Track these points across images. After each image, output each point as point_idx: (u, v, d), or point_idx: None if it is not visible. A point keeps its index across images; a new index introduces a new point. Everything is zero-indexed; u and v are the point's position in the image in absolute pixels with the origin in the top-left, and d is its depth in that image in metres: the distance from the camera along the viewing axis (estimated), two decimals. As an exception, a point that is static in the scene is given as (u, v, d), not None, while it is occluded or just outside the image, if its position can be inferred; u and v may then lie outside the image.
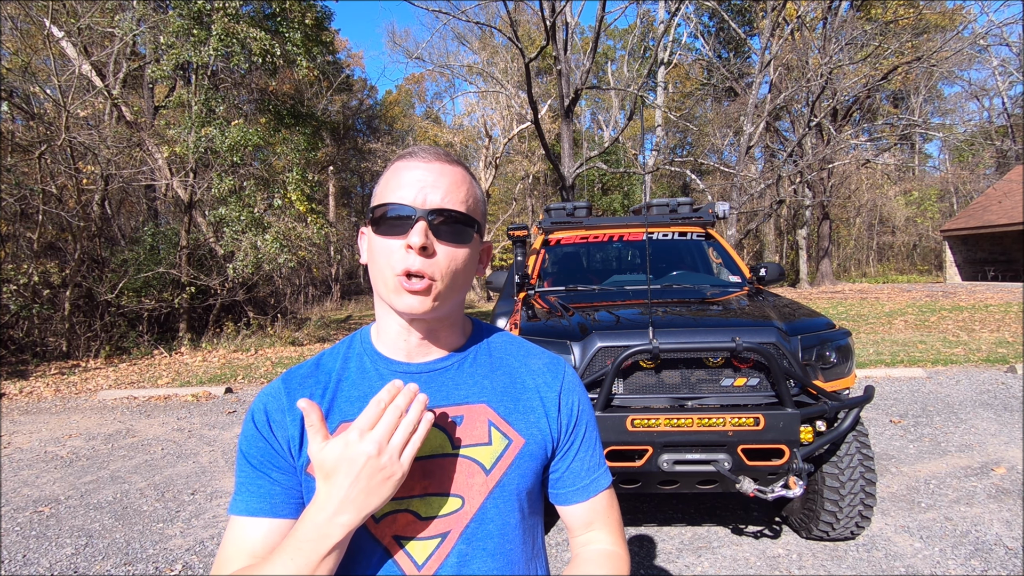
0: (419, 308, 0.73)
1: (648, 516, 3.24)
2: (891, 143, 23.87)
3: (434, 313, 0.75)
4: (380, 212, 0.74)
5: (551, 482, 0.84)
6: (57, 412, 6.35)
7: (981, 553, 2.71)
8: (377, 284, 0.76)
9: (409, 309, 0.73)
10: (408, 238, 0.71)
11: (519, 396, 0.81)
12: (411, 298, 0.72)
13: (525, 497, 0.79)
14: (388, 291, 0.74)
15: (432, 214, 0.73)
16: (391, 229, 0.73)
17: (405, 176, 0.75)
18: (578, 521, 0.84)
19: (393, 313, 0.78)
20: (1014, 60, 26.38)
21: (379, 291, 0.76)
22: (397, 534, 0.74)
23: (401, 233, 0.72)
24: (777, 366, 2.34)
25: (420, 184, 0.74)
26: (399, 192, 0.74)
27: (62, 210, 9.78)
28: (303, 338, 11.81)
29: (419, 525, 0.74)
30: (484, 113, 26.22)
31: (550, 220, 4.42)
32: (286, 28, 12.04)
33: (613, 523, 0.85)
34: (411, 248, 0.71)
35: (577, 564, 0.81)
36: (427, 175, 0.74)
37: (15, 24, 10.72)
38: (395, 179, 0.75)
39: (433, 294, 0.73)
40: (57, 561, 2.96)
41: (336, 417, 0.77)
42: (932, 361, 7.11)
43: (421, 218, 0.72)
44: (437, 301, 0.74)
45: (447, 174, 0.75)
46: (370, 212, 0.76)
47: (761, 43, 17.78)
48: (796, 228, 24.68)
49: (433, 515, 0.74)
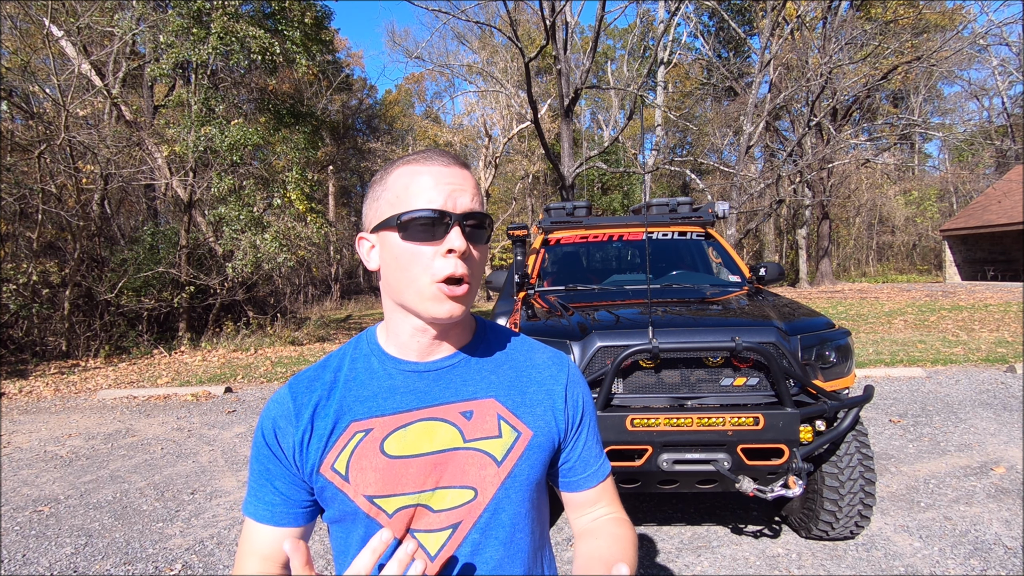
0: (457, 313, 0.74)
1: (648, 516, 3.24)
2: (891, 143, 23.88)
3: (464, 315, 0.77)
4: (409, 218, 0.72)
5: (562, 472, 0.87)
6: (57, 411, 6.35)
7: (980, 552, 2.71)
8: (405, 292, 0.74)
9: (449, 315, 0.73)
10: (447, 243, 0.71)
11: (526, 390, 0.83)
12: (452, 305, 0.73)
13: (534, 488, 0.81)
14: (423, 299, 0.73)
15: (465, 217, 0.73)
16: (422, 235, 0.72)
17: (426, 180, 0.74)
18: (586, 503, 0.88)
19: (408, 316, 0.78)
20: (1014, 60, 26.38)
21: (407, 299, 0.75)
22: (411, 527, 0.76)
23: (432, 239, 0.72)
24: (777, 366, 2.34)
25: (449, 188, 0.73)
26: (424, 196, 0.73)
27: (62, 209, 9.77)
28: (303, 338, 11.81)
29: (432, 517, 0.76)
30: (484, 112, 26.23)
31: (550, 220, 4.41)
32: (285, 27, 12.05)
33: (616, 498, 0.91)
34: (451, 253, 0.71)
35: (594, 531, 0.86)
36: (452, 178, 0.74)
37: (14, 23, 10.71)
38: (415, 183, 0.74)
39: (468, 296, 0.75)
40: (57, 560, 2.96)
41: (346, 418, 0.78)
42: (932, 361, 7.11)
43: (458, 222, 0.72)
44: (469, 302, 0.75)
45: (467, 178, 0.76)
46: (395, 219, 0.73)
47: (761, 43, 17.78)
48: (796, 228, 24.67)
49: (446, 507, 0.76)
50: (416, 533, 0.75)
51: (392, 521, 0.74)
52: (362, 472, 0.75)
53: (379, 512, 0.75)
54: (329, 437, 0.77)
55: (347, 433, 0.77)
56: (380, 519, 0.74)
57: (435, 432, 0.77)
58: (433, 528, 0.75)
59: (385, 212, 0.75)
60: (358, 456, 0.76)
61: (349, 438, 0.77)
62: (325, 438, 0.77)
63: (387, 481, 0.75)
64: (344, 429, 0.77)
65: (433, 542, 0.75)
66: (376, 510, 0.75)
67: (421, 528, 0.75)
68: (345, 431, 0.77)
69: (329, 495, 0.77)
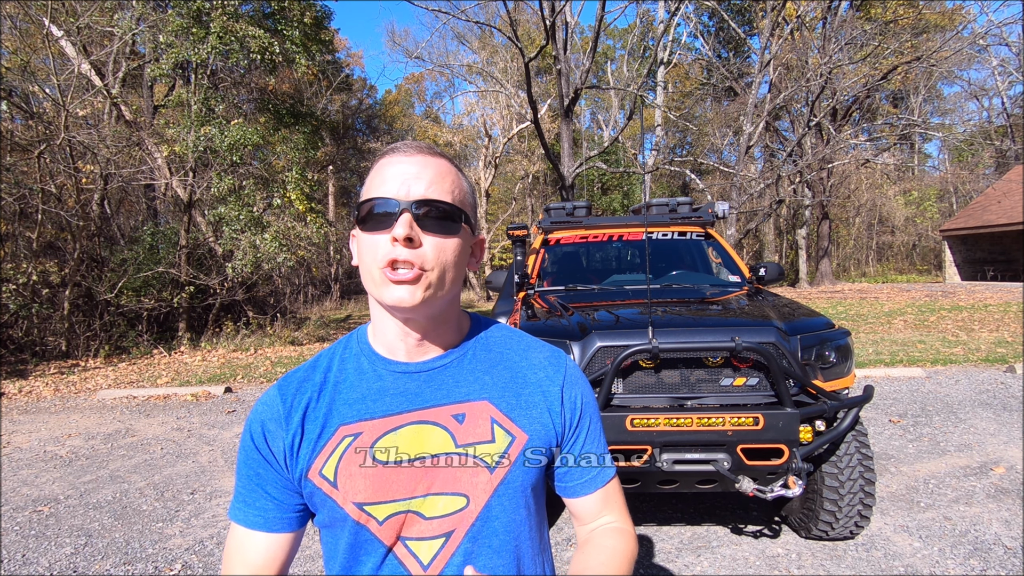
0: (409, 299, 0.70)
1: (647, 516, 3.24)
2: (891, 143, 23.88)
3: (426, 307, 0.72)
4: (366, 208, 0.73)
5: (558, 476, 0.83)
6: (56, 411, 6.35)
7: (980, 553, 2.71)
8: (366, 281, 0.74)
9: (398, 301, 0.70)
10: (393, 230, 0.70)
11: (521, 391, 0.80)
12: (399, 289, 0.70)
13: (531, 493, 0.78)
14: (376, 286, 0.72)
15: (417, 205, 0.71)
16: (377, 224, 0.72)
17: (388, 171, 0.74)
18: (588, 511, 0.84)
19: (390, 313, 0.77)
20: (1014, 60, 26.39)
21: (368, 289, 0.74)
22: (402, 535, 0.73)
23: (387, 227, 0.71)
24: (776, 366, 2.34)
25: (403, 177, 0.73)
26: (383, 187, 0.73)
27: (61, 209, 9.77)
28: (302, 338, 11.81)
29: (424, 525, 0.73)
30: (484, 113, 26.23)
31: (550, 220, 4.41)
32: (285, 26, 12.04)
33: (621, 506, 0.85)
34: (396, 240, 0.70)
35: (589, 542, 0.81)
36: (410, 167, 0.73)
37: (14, 23, 10.70)
38: (379, 175, 0.74)
39: (423, 283, 0.71)
40: (56, 560, 2.96)
41: (335, 421, 0.76)
42: (931, 361, 7.12)
43: (405, 210, 0.70)
44: (428, 291, 0.71)
45: (430, 166, 0.74)
46: (355, 210, 0.75)
47: (761, 43, 17.78)
48: (796, 228, 24.67)
49: (437, 515, 0.73)
50: (408, 541, 0.73)
51: (382, 528, 0.72)
52: (351, 478, 0.73)
53: (369, 519, 0.73)
54: (317, 441, 0.75)
55: (335, 437, 0.75)
56: (370, 526, 0.72)
57: (426, 436, 0.75)
58: (425, 536, 0.73)
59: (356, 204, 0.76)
60: (347, 461, 0.74)
61: (337, 443, 0.74)
62: (314, 442, 0.75)
63: (377, 487, 0.73)
64: (332, 433, 0.75)
65: (426, 550, 0.73)
66: (366, 517, 0.73)
67: (413, 536, 0.73)
68: (334, 435, 0.75)
69: (318, 501, 0.75)
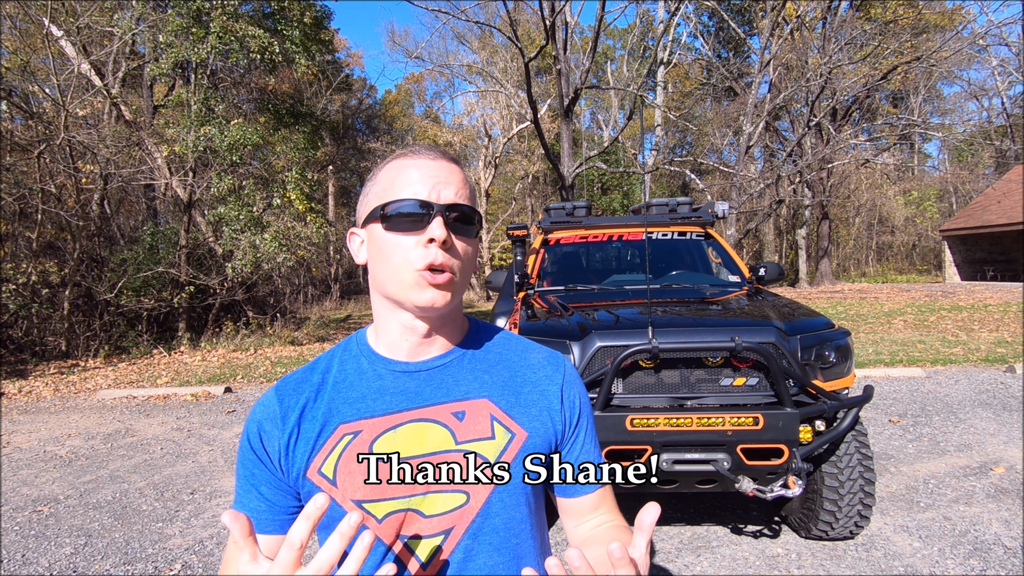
0: (440, 302, 0.73)
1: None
2: (890, 143, 23.88)
3: (449, 307, 0.75)
4: (392, 208, 0.73)
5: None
6: (56, 411, 6.35)
7: (980, 552, 2.71)
8: (388, 283, 0.75)
9: (431, 303, 0.73)
10: (428, 232, 0.72)
11: (520, 390, 0.81)
12: (434, 292, 0.72)
13: (531, 490, 0.79)
14: (405, 288, 0.73)
15: (448, 209, 0.73)
16: (404, 225, 0.73)
17: (412, 173, 0.75)
18: (585, 508, 0.85)
19: (396, 312, 0.77)
20: (1013, 60, 26.39)
21: (390, 290, 0.75)
22: (401, 533, 0.73)
23: (415, 229, 0.72)
24: (776, 366, 2.34)
25: (433, 180, 0.74)
26: (410, 188, 0.74)
27: (61, 209, 9.77)
28: (302, 338, 11.81)
29: (423, 523, 0.74)
30: (484, 113, 26.23)
31: (549, 220, 4.41)
32: (285, 26, 12.04)
33: (615, 505, 0.88)
34: (432, 242, 0.71)
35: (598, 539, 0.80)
36: (438, 172, 0.75)
37: (14, 23, 10.70)
38: (402, 176, 0.75)
39: (452, 288, 0.74)
40: (56, 560, 2.96)
41: (335, 420, 0.76)
42: (931, 361, 7.12)
43: (439, 213, 0.72)
44: (452, 294, 0.74)
45: (454, 172, 0.77)
46: (379, 210, 0.74)
47: (761, 43, 17.78)
48: (795, 228, 24.67)
49: (437, 512, 0.74)
50: (409, 540, 0.73)
51: (382, 526, 0.72)
52: (351, 476, 0.73)
53: (368, 517, 0.73)
54: (316, 440, 0.75)
55: (335, 436, 0.75)
56: (369, 524, 0.72)
57: (426, 434, 0.75)
58: (425, 534, 0.73)
59: (372, 205, 0.76)
60: (346, 459, 0.74)
61: (337, 441, 0.75)
62: (312, 441, 0.75)
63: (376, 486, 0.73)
64: (332, 432, 0.75)
65: (426, 548, 0.73)
66: (365, 515, 0.72)
67: (412, 534, 0.73)
68: (333, 433, 0.75)
69: None
